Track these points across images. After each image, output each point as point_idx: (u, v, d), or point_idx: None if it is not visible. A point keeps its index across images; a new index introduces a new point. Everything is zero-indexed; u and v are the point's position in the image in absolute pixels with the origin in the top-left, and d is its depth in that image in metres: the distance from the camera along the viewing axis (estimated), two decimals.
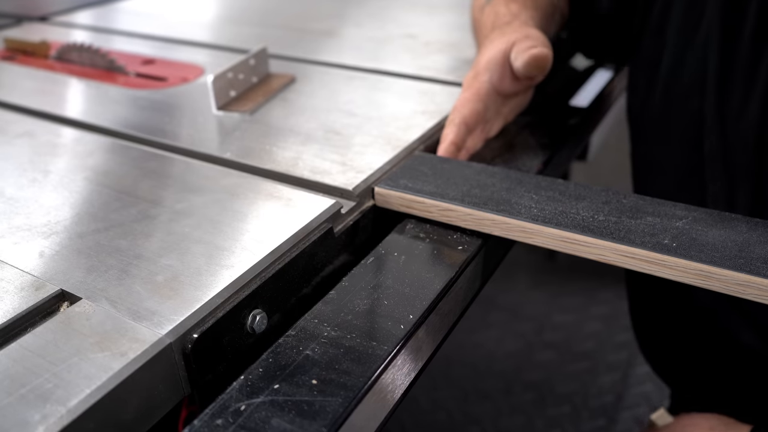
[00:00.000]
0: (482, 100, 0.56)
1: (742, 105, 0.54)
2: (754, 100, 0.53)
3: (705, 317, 0.62)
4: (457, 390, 1.33)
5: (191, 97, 0.67)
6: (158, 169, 0.52)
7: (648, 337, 0.75)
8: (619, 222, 0.43)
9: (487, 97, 0.56)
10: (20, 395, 0.30)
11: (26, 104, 0.66)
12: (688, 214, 0.43)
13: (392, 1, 1.06)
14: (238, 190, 0.48)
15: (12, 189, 0.49)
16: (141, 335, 0.34)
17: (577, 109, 0.68)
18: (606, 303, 1.55)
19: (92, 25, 0.99)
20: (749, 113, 0.54)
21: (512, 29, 0.59)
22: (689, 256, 0.39)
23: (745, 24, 0.54)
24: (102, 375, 0.31)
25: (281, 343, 0.35)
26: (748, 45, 0.53)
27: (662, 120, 0.62)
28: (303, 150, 0.54)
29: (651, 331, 0.74)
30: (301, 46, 0.83)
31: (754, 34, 0.53)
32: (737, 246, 0.40)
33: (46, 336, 0.34)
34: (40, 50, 0.82)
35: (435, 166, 0.51)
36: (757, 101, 0.53)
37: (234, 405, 0.32)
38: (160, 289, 0.37)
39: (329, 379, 0.33)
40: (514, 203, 0.46)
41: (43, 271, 0.39)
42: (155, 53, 0.82)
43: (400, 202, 0.48)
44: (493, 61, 0.56)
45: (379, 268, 0.42)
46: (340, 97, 0.66)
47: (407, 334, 0.36)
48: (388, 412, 0.36)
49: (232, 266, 0.39)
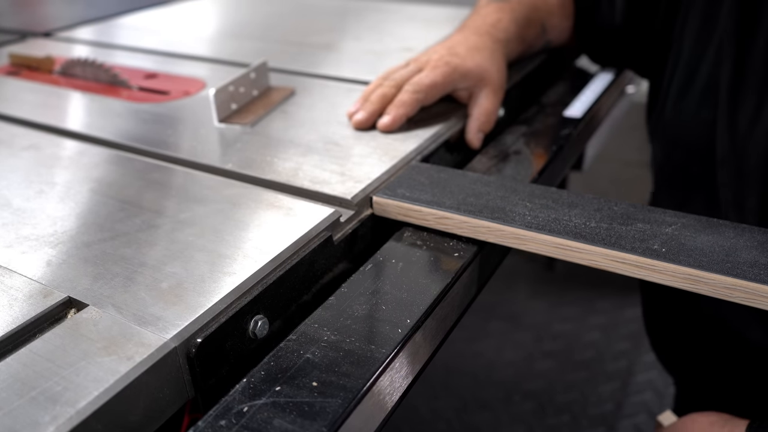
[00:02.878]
0: None
1: (756, 112, 0.56)
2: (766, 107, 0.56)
3: (713, 312, 0.64)
4: (456, 399, 1.34)
5: (193, 110, 0.69)
6: (162, 180, 0.53)
7: (657, 328, 0.76)
8: (611, 228, 0.44)
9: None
10: (31, 397, 0.31)
11: (32, 118, 0.67)
12: (677, 220, 0.45)
13: (390, 14, 1.08)
14: (240, 199, 0.49)
15: (19, 200, 0.50)
16: (147, 340, 0.35)
17: (571, 120, 0.69)
18: (604, 312, 1.56)
19: (95, 41, 1.01)
20: (763, 120, 0.56)
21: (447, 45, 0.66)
22: (678, 261, 0.40)
23: (758, 35, 0.56)
24: (109, 378, 0.32)
25: (282, 347, 0.37)
26: (762, 55, 0.56)
27: (676, 128, 0.65)
28: (303, 161, 0.56)
29: (661, 322, 0.76)
30: (300, 60, 0.84)
31: (767, 44, 0.55)
32: (724, 251, 0.41)
33: (54, 341, 0.35)
34: (45, 65, 0.84)
35: (431, 176, 0.53)
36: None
37: (237, 406, 0.33)
38: (164, 296, 0.38)
39: (329, 381, 0.34)
40: (508, 211, 0.47)
41: (50, 279, 0.40)
42: (157, 67, 0.84)
43: (398, 211, 0.49)
44: None
45: (378, 275, 0.43)
46: (340, 109, 0.67)
47: (405, 338, 0.37)
48: (387, 414, 0.37)
49: (234, 273, 0.40)
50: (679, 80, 0.64)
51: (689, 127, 0.63)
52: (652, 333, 0.78)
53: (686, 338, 0.71)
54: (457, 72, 0.63)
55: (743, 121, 0.57)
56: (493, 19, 0.70)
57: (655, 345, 0.78)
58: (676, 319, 0.71)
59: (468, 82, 0.64)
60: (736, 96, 0.58)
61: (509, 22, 0.70)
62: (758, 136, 0.56)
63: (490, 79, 0.64)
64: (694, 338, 0.69)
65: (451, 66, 0.63)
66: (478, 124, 0.64)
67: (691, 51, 0.62)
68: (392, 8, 1.13)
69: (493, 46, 0.67)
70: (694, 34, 0.62)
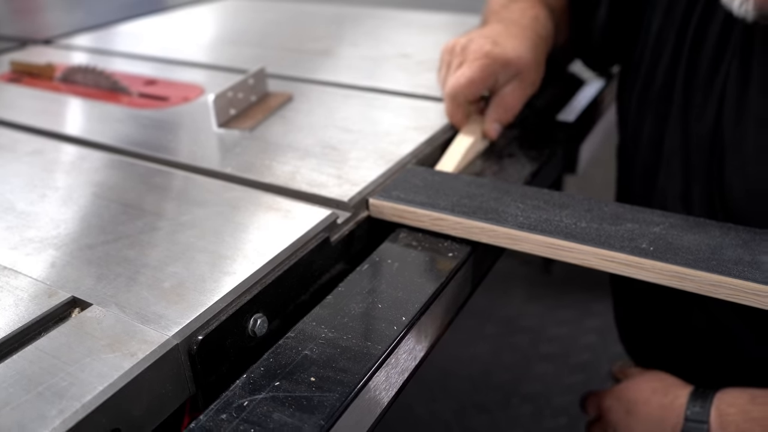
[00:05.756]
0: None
1: (701, 108, 0.59)
2: (711, 103, 0.58)
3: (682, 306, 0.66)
4: (454, 403, 1.34)
5: (193, 116, 0.70)
6: (163, 183, 0.54)
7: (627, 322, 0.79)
8: (600, 228, 0.45)
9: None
10: (38, 393, 0.32)
11: (34, 124, 0.68)
12: (665, 220, 0.46)
13: (386, 21, 1.10)
14: (239, 202, 0.50)
15: (23, 204, 0.51)
16: (149, 337, 0.36)
17: (564, 124, 0.70)
18: (600, 315, 1.56)
19: (95, 48, 1.02)
20: (707, 115, 0.58)
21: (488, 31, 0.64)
22: (665, 259, 0.42)
23: (709, 35, 0.58)
24: (113, 373, 0.33)
25: (281, 344, 0.38)
26: (711, 54, 0.58)
27: (638, 119, 0.67)
28: (301, 164, 0.57)
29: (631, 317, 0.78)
30: (298, 66, 0.86)
31: (716, 44, 0.58)
32: (710, 249, 0.42)
33: (59, 339, 0.36)
34: (46, 72, 0.85)
35: (426, 179, 0.54)
36: (713, 104, 0.58)
37: (237, 401, 0.34)
38: (166, 295, 0.39)
39: (327, 377, 0.35)
40: (501, 212, 0.48)
41: (55, 280, 0.41)
42: (157, 74, 0.85)
43: (393, 213, 0.51)
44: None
45: (374, 274, 0.44)
46: (337, 114, 0.68)
47: (400, 335, 0.38)
48: (383, 409, 0.38)
49: (234, 273, 0.41)
50: (643, 75, 0.65)
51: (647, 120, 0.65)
52: (621, 327, 0.80)
53: (654, 330, 0.73)
54: (498, 62, 0.60)
55: (692, 115, 0.59)
56: (533, 14, 0.68)
57: (624, 338, 0.80)
58: (645, 313, 0.73)
59: (510, 74, 0.61)
60: (690, 91, 0.60)
61: (546, 19, 0.68)
62: (703, 131, 0.58)
63: (526, 73, 0.62)
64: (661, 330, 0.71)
65: (491, 57, 0.60)
66: (496, 115, 0.61)
67: (653, 50, 0.64)
68: (388, 15, 1.14)
69: (536, 40, 0.64)
70: (654, 36, 0.64)
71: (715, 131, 0.58)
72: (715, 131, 0.58)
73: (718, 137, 0.58)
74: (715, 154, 0.58)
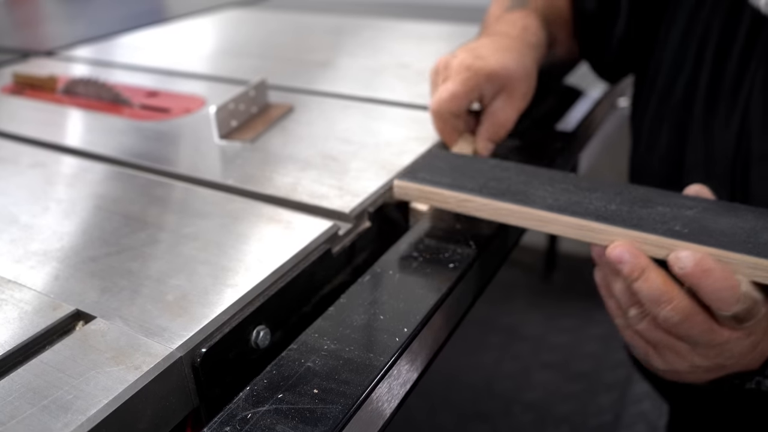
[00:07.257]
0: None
1: (726, 118, 0.58)
2: (736, 113, 0.58)
3: None
4: (456, 412, 1.34)
5: (194, 127, 0.70)
6: (165, 195, 0.54)
7: None
8: (631, 211, 0.45)
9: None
10: (43, 406, 0.32)
11: (36, 136, 0.69)
12: (697, 204, 0.45)
13: (385, 31, 1.11)
14: (241, 214, 0.51)
15: (26, 216, 0.52)
16: (153, 350, 0.36)
17: (562, 134, 0.71)
18: (602, 323, 1.56)
19: (96, 59, 1.03)
20: (731, 125, 0.58)
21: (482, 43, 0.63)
22: (701, 241, 0.41)
23: (734, 45, 0.58)
24: (118, 386, 0.33)
25: (284, 356, 0.38)
26: (735, 64, 0.58)
27: (654, 132, 0.66)
28: (302, 176, 0.57)
29: None
30: (298, 77, 0.86)
31: (741, 53, 0.57)
32: (745, 232, 0.42)
33: (64, 352, 0.36)
34: (48, 84, 0.86)
35: (451, 162, 0.53)
36: (738, 114, 0.57)
37: (241, 413, 0.34)
38: (170, 308, 0.40)
39: (329, 389, 0.35)
40: (530, 194, 0.47)
41: (59, 293, 0.42)
42: (158, 86, 0.86)
43: (419, 194, 0.50)
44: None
45: (376, 286, 0.44)
46: (337, 125, 0.69)
47: (402, 346, 0.39)
48: (386, 421, 0.39)
49: (236, 285, 0.42)
50: (662, 84, 0.65)
51: (664, 132, 0.65)
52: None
53: None
54: (480, 75, 0.59)
55: (717, 126, 0.59)
56: (523, 24, 0.67)
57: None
58: None
59: (495, 85, 0.60)
60: (713, 102, 0.59)
61: (538, 28, 0.68)
62: (727, 141, 0.58)
63: (514, 85, 0.60)
64: None
65: (472, 70, 0.59)
66: (488, 134, 0.61)
67: (674, 58, 0.64)
68: (387, 25, 1.15)
69: (523, 50, 0.63)
70: (676, 44, 0.64)
71: (739, 141, 0.57)
72: (739, 141, 0.57)
73: (743, 147, 0.57)
74: (737, 164, 0.58)
